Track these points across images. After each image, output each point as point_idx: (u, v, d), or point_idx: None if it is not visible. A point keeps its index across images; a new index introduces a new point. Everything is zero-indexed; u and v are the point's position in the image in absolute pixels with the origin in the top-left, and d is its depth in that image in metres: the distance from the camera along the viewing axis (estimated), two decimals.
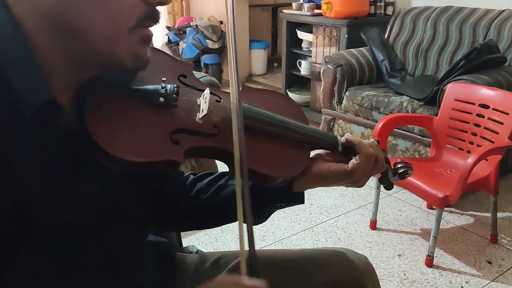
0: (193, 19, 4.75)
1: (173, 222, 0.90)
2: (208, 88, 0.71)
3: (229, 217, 0.82)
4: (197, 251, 0.99)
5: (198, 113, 0.67)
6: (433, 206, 2.30)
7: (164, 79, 0.67)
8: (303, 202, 0.83)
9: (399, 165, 0.85)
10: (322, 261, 0.89)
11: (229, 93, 0.68)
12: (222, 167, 0.86)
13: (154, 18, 0.60)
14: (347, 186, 0.82)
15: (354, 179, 0.79)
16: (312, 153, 0.80)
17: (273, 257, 0.91)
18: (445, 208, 2.22)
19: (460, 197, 1.86)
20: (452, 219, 2.32)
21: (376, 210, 2.23)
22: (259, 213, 0.81)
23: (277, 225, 2.27)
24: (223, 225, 0.89)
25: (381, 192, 2.24)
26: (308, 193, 2.62)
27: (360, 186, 0.81)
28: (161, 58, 0.74)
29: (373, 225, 2.25)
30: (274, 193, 0.78)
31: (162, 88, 0.65)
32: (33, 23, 0.55)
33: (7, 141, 0.53)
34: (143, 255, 0.79)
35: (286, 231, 2.22)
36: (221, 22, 4.70)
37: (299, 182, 0.78)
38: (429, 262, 1.96)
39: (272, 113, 0.75)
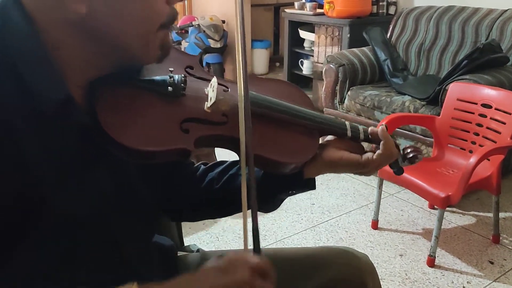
0: (195, 19, 4.75)
1: (186, 213, 0.90)
2: (215, 77, 0.72)
3: (240, 206, 0.83)
4: (198, 250, 0.99)
5: (206, 102, 0.67)
6: (435, 206, 2.30)
7: (171, 69, 0.68)
8: (314, 188, 0.83)
9: (409, 150, 0.85)
10: (323, 259, 0.89)
11: (236, 82, 0.69)
12: (219, 156, 0.87)
13: (174, 19, 0.63)
14: (354, 174, 0.82)
15: (365, 171, 0.80)
16: (322, 140, 0.80)
17: (274, 255, 0.91)
18: (447, 208, 2.22)
19: (462, 197, 1.86)
20: (454, 219, 2.31)
21: (377, 210, 2.23)
22: (270, 200, 0.82)
23: (279, 225, 2.27)
24: (236, 213, 0.89)
25: (382, 192, 2.24)
26: (310, 193, 2.62)
27: (370, 175, 0.82)
28: None
29: (375, 225, 2.25)
30: (286, 180, 0.78)
31: (170, 78, 0.66)
32: (59, 31, 0.57)
33: (23, 136, 0.55)
34: (150, 252, 0.80)
35: (287, 230, 2.22)
36: (223, 22, 4.70)
37: (310, 168, 0.78)
38: (431, 262, 1.95)
39: (279, 100, 0.75)
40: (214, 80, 0.70)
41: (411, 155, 0.84)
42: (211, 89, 0.68)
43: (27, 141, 0.55)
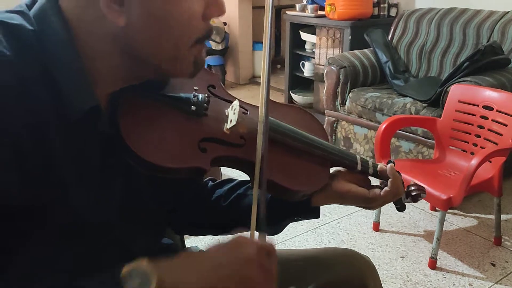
0: None
1: (191, 227, 0.91)
2: (237, 99, 0.73)
3: (248, 225, 0.84)
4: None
5: (225, 123, 0.68)
6: (437, 208, 2.29)
7: (196, 88, 0.69)
8: (318, 217, 0.84)
9: (412, 188, 0.87)
10: (324, 261, 0.89)
11: (256, 106, 0.70)
12: (225, 176, 0.87)
13: (210, 34, 0.63)
14: (359, 207, 0.84)
15: (371, 206, 0.82)
16: (332, 170, 0.82)
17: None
18: (449, 210, 2.22)
19: (464, 199, 1.86)
20: (456, 221, 2.31)
21: (379, 211, 2.23)
22: (275, 225, 0.83)
23: None
24: (240, 233, 0.90)
25: None
26: None
27: (372, 209, 0.85)
28: None
29: (376, 227, 2.25)
30: (293, 207, 0.80)
31: (194, 97, 0.67)
32: (95, 43, 0.57)
33: (52, 138, 0.55)
34: (156, 255, 0.80)
35: (289, 232, 2.22)
36: (225, 24, 4.71)
37: (318, 197, 0.80)
38: (433, 264, 1.95)
39: (296, 128, 0.77)
40: (236, 103, 0.71)
41: (414, 193, 0.86)
42: (232, 111, 0.69)
43: (53, 134, 0.56)
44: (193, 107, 0.66)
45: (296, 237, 2.19)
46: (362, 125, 2.92)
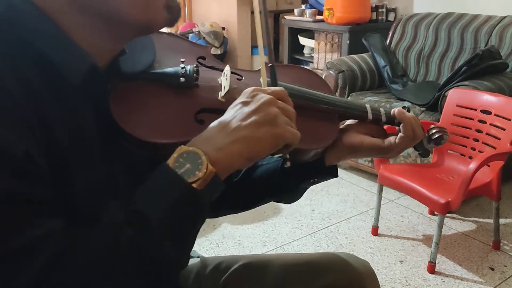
0: (196, 25, 4.77)
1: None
2: (228, 65, 0.71)
3: (262, 198, 0.83)
4: (198, 256, 0.99)
5: (220, 92, 0.67)
6: (435, 212, 2.29)
7: (183, 60, 0.67)
8: (337, 176, 0.82)
9: (434, 131, 0.82)
10: (323, 265, 0.89)
11: (250, 71, 0.69)
12: None
13: None
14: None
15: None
16: (342, 124, 0.79)
17: (274, 261, 0.91)
18: (447, 214, 2.22)
19: (462, 203, 1.86)
20: (454, 225, 2.31)
21: (377, 216, 2.23)
22: (293, 189, 0.82)
23: (279, 231, 2.27)
24: (254, 207, 0.88)
25: (382, 198, 2.24)
26: (310, 199, 2.62)
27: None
28: (179, 42, 0.75)
29: (375, 231, 2.25)
30: (307, 169, 0.77)
31: (182, 69, 0.65)
32: (58, 9, 0.56)
33: (45, 101, 0.54)
34: None
35: (287, 236, 2.22)
36: (223, 28, 4.72)
37: (330, 154, 0.77)
38: (431, 268, 1.95)
39: (299, 86, 0.75)
40: (227, 68, 0.69)
41: (436, 135, 0.81)
42: (224, 78, 0.68)
43: (48, 106, 0.54)
44: (182, 79, 0.65)
45: (294, 242, 2.18)
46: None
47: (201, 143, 0.57)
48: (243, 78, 0.72)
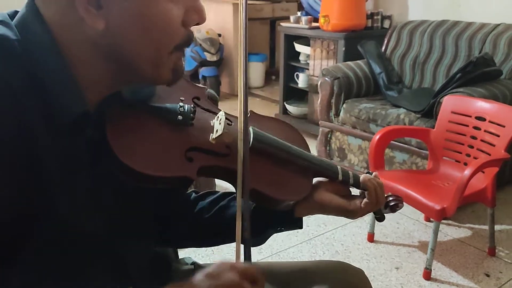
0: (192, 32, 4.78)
1: (173, 239, 0.90)
2: (222, 110, 0.74)
3: (230, 237, 0.83)
4: (193, 263, 0.99)
5: (211, 134, 0.69)
6: (431, 219, 2.30)
7: (182, 98, 0.70)
8: (301, 227, 0.85)
9: (390, 198, 0.88)
10: (318, 274, 0.89)
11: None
12: (220, 187, 0.87)
13: (190, 42, 0.63)
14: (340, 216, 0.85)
15: (351, 217, 0.83)
16: (314, 180, 0.82)
17: (269, 269, 0.91)
18: (443, 221, 2.22)
19: (458, 209, 1.86)
20: (450, 232, 2.31)
21: (373, 222, 2.23)
22: (259, 235, 0.83)
23: (274, 238, 2.25)
24: (222, 244, 0.90)
25: None
26: None
27: (354, 219, 0.87)
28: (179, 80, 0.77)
29: (371, 238, 2.25)
30: (276, 217, 0.80)
31: (181, 107, 0.68)
32: (78, 48, 0.58)
33: (40, 137, 0.55)
34: (149, 266, 0.80)
35: (283, 243, 2.22)
36: (219, 35, 4.73)
37: (300, 207, 0.81)
38: (427, 275, 1.95)
39: (279, 138, 0.78)
40: (222, 113, 0.72)
41: (392, 203, 0.87)
42: (218, 122, 0.70)
43: (43, 142, 0.55)
44: (179, 117, 0.67)
45: (290, 248, 2.18)
46: (356, 136, 2.93)
47: None
48: (233, 123, 0.75)
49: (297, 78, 3.86)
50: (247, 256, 0.63)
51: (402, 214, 2.47)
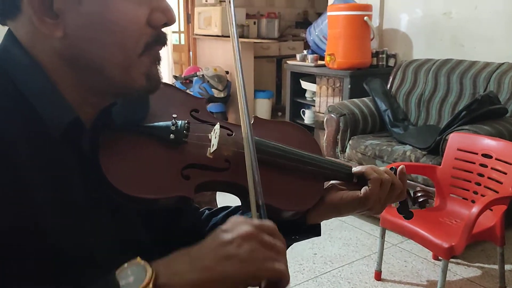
0: (200, 69, 4.87)
1: None
2: (218, 122, 0.71)
3: None
4: None
5: (209, 148, 0.67)
6: (439, 257, 2.26)
7: (175, 115, 0.67)
8: (319, 234, 0.80)
9: (419, 194, 0.81)
10: None
11: (240, 126, 0.68)
12: (220, 203, 0.87)
13: (161, 41, 0.62)
14: (363, 214, 0.79)
15: (368, 206, 0.77)
16: (326, 184, 0.78)
17: None
18: (452, 260, 2.18)
19: (467, 248, 1.83)
20: (459, 271, 2.27)
21: (381, 260, 2.19)
22: None
23: None
24: None
25: (385, 242, 2.21)
26: (312, 242, 2.58)
27: (377, 213, 0.79)
28: (174, 93, 0.75)
29: (378, 276, 2.20)
30: (287, 227, 0.76)
31: (173, 125, 0.66)
32: (49, 60, 0.59)
33: (25, 161, 0.55)
34: None
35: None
36: (227, 72, 4.81)
37: (313, 214, 0.77)
38: None
39: (285, 146, 0.74)
40: (217, 126, 0.70)
41: (421, 199, 0.80)
42: (214, 135, 0.68)
43: (28, 165, 0.55)
44: (172, 136, 0.65)
45: (296, 286, 2.14)
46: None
47: (161, 262, 0.55)
48: (234, 133, 0.72)
49: (303, 115, 3.89)
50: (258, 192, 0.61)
51: (410, 252, 2.43)
